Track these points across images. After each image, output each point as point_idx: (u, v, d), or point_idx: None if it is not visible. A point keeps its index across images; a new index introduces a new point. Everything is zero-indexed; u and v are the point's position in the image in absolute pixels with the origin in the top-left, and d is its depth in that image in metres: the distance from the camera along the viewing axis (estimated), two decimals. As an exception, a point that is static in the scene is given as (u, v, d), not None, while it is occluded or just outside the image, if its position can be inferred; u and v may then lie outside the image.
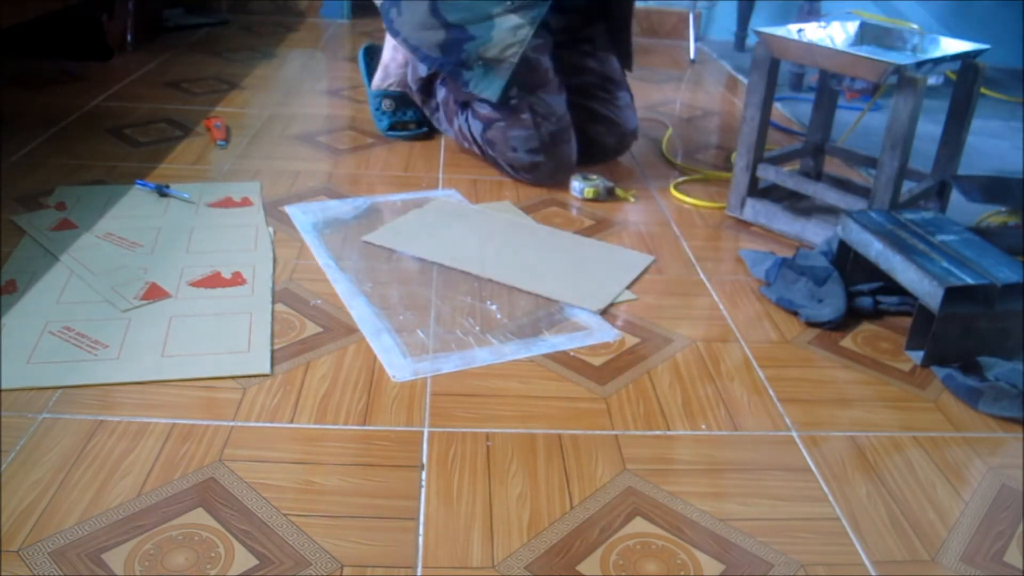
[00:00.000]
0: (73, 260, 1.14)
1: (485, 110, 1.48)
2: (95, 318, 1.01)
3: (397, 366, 0.97)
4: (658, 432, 0.89)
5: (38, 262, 1.13)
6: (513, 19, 1.42)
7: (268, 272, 1.15)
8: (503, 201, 1.44)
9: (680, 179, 1.60)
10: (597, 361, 1.01)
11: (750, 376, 1.00)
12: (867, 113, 1.82)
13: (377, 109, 1.69)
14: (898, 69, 1.16)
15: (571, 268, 1.21)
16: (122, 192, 1.36)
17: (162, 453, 0.81)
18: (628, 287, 1.18)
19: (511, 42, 1.42)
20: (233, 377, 0.93)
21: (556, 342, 1.04)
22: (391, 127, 1.70)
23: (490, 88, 1.44)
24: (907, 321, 1.10)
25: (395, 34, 1.53)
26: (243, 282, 1.12)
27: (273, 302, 1.08)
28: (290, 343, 1.00)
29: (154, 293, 1.07)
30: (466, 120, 1.53)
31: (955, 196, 1.37)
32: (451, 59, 1.46)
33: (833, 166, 1.62)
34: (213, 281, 1.11)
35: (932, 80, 1.22)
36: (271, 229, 1.27)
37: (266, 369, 0.94)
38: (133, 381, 0.91)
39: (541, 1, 1.43)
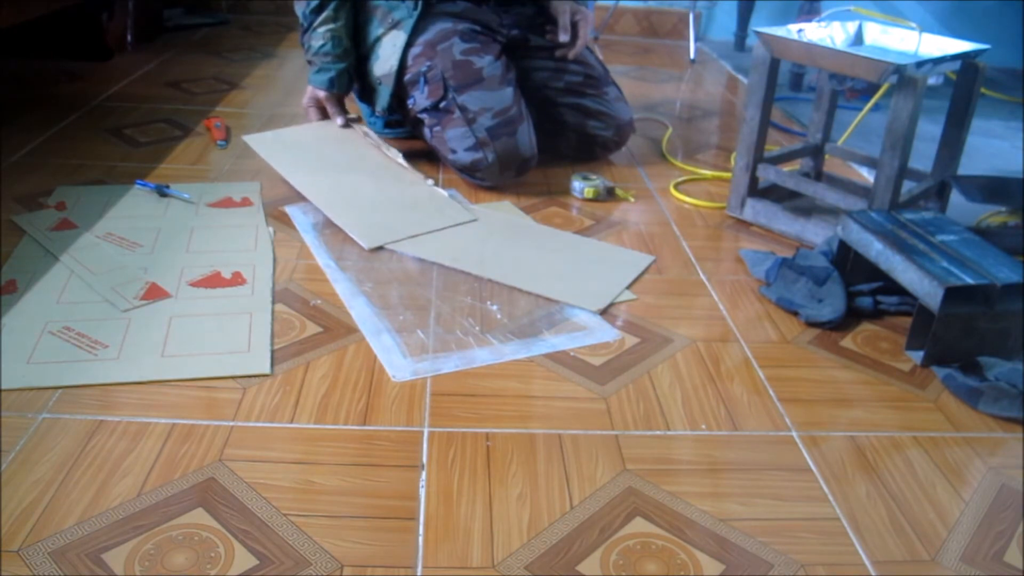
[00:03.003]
0: (73, 260, 1.14)
1: (425, 117, 1.49)
2: (95, 318, 1.01)
3: (397, 366, 0.97)
4: (658, 432, 0.89)
5: (38, 262, 1.13)
6: (396, 34, 1.49)
7: (268, 272, 1.15)
8: (503, 201, 1.44)
9: (680, 179, 1.60)
10: (597, 361, 1.01)
11: (750, 376, 1.00)
12: (867, 113, 1.82)
13: (371, 115, 1.69)
14: (898, 69, 1.16)
15: (571, 268, 1.21)
16: (122, 192, 1.36)
17: (162, 453, 0.81)
18: (628, 287, 1.18)
19: (392, 53, 1.49)
20: (233, 377, 0.93)
21: (556, 342, 1.04)
22: (386, 124, 1.70)
23: (380, 101, 1.53)
24: (907, 321, 1.10)
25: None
26: (243, 282, 1.12)
27: (273, 302, 1.08)
28: (290, 343, 1.00)
29: (154, 293, 1.07)
30: (427, 131, 1.52)
31: (955, 196, 1.37)
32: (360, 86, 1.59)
33: (833, 166, 1.62)
34: (213, 281, 1.11)
35: (932, 80, 1.22)
36: (271, 229, 1.27)
37: (266, 369, 0.94)
38: (133, 381, 0.91)
39: (412, 9, 1.48)
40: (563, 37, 1.55)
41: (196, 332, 1.00)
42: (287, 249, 1.22)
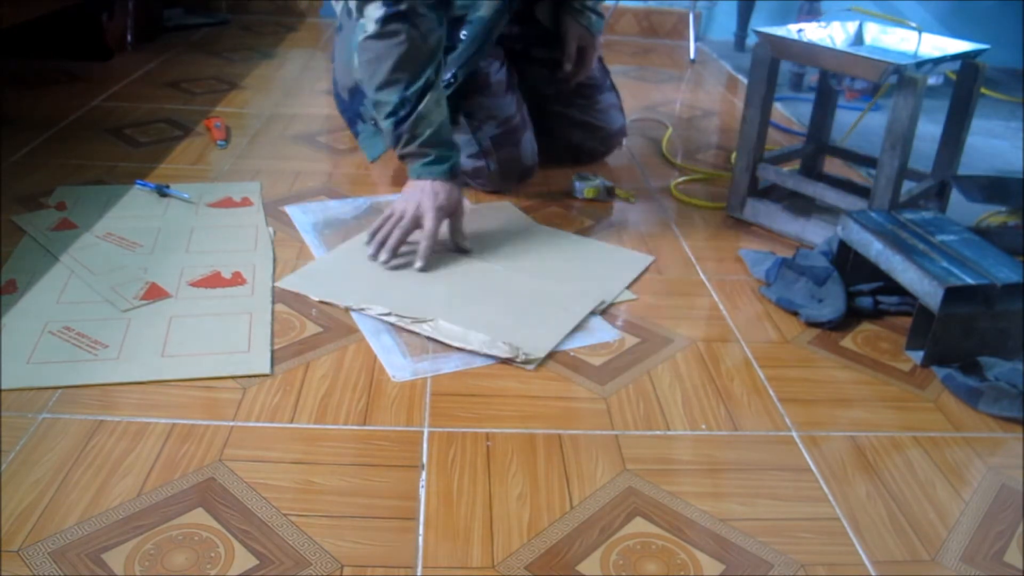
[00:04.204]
0: (73, 260, 1.14)
1: None
2: (95, 318, 1.01)
3: (397, 366, 0.97)
4: (658, 432, 0.89)
5: (38, 262, 1.13)
6: None
7: (268, 272, 1.15)
8: (503, 201, 1.44)
9: (680, 179, 1.60)
10: (597, 361, 1.01)
11: (750, 376, 1.00)
12: (867, 113, 1.82)
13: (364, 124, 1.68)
14: (898, 69, 1.16)
15: (571, 269, 1.21)
16: (122, 192, 1.36)
17: (162, 453, 0.81)
18: (628, 287, 1.18)
19: None
20: (233, 377, 0.93)
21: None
22: None
23: (371, 148, 1.48)
24: (907, 321, 1.10)
25: (332, 59, 1.57)
26: (243, 282, 1.12)
27: (273, 302, 1.08)
28: (290, 343, 1.00)
29: (154, 293, 1.07)
30: None
31: (955, 196, 1.37)
32: (353, 107, 1.50)
33: (833, 166, 1.62)
34: (213, 281, 1.11)
35: (932, 80, 1.22)
36: (271, 229, 1.27)
37: (266, 369, 0.94)
38: (133, 381, 0.91)
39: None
40: (568, 66, 1.54)
41: (196, 332, 1.00)
42: (287, 249, 1.22)
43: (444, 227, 1.22)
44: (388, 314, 1.02)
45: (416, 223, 1.19)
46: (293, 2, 2.83)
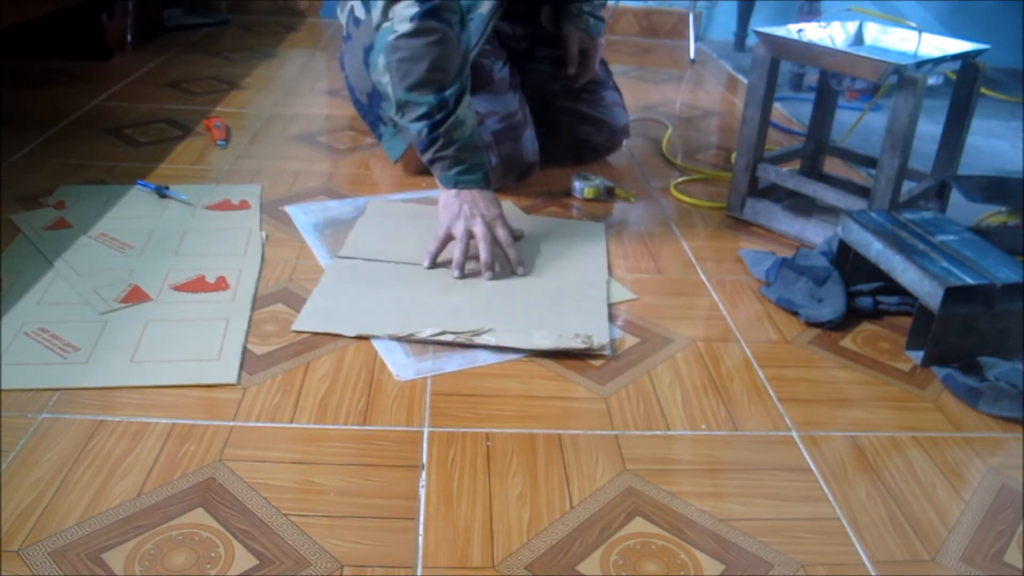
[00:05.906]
0: (62, 260, 1.13)
1: None
2: (72, 320, 1.00)
3: (400, 365, 0.97)
4: (658, 432, 0.89)
5: (27, 261, 1.12)
6: None
7: (253, 278, 1.12)
8: (504, 201, 1.44)
9: (680, 179, 1.60)
10: (597, 361, 1.01)
11: (750, 376, 1.00)
12: (867, 113, 1.82)
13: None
14: (898, 69, 1.16)
15: (554, 255, 1.21)
16: (122, 192, 1.36)
17: (162, 453, 0.81)
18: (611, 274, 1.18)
19: None
20: (199, 386, 0.91)
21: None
22: None
23: (393, 149, 1.49)
24: (907, 321, 1.10)
25: (342, 67, 1.57)
26: (226, 287, 1.10)
27: (253, 309, 1.06)
28: (290, 343, 1.00)
29: (135, 296, 1.06)
30: None
31: (955, 196, 1.37)
32: (373, 111, 1.50)
33: (833, 166, 1.62)
34: (196, 285, 1.10)
35: (932, 80, 1.22)
36: (263, 233, 1.26)
37: (233, 379, 0.92)
38: (97, 386, 0.89)
39: None
40: (571, 69, 1.55)
41: (169, 337, 0.98)
42: (287, 249, 1.22)
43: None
44: (442, 333, 1.00)
45: (494, 237, 1.17)
46: (293, 2, 2.83)
